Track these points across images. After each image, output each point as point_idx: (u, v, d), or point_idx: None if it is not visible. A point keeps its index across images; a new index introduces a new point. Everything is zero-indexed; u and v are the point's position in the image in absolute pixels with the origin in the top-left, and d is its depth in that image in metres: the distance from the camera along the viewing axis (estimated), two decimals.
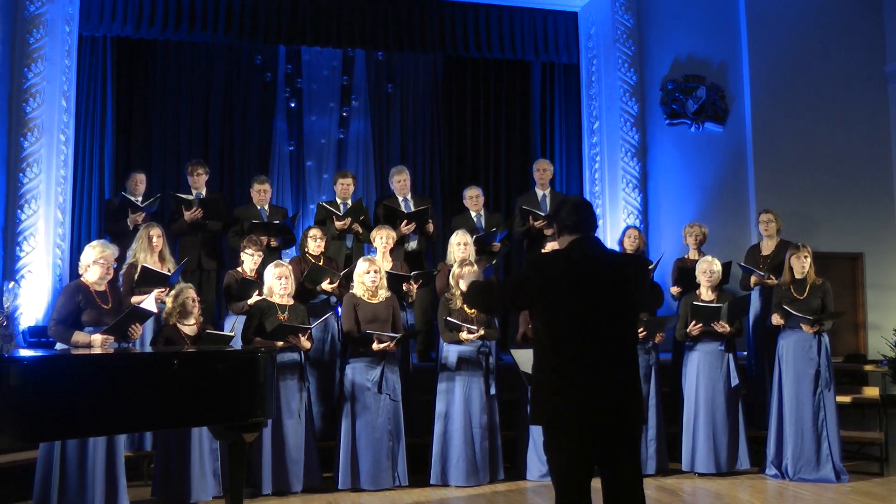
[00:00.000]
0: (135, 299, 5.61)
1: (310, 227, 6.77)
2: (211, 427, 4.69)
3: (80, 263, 5.18)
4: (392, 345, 5.78)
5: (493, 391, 6.00)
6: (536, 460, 6.02)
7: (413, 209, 7.25)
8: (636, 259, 3.51)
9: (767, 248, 7.10)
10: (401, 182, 7.47)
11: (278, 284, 5.73)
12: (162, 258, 6.19)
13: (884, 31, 9.59)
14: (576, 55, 9.25)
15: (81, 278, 5.13)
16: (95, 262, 5.06)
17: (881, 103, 9.53)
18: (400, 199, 7.44)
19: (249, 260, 6.24)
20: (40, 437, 4.22)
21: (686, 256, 7.22)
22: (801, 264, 6.20)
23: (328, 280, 6.34)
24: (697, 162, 9.03)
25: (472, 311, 5.98)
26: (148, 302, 5.20)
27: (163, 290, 5.88)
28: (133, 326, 5.05)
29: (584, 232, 3.28)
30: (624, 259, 3.39)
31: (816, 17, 9.39)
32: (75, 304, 4.99)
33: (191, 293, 5.46)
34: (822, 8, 9.44)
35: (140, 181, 7.15)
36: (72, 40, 7.77)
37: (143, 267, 5.88)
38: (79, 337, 4.93)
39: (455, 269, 6.10)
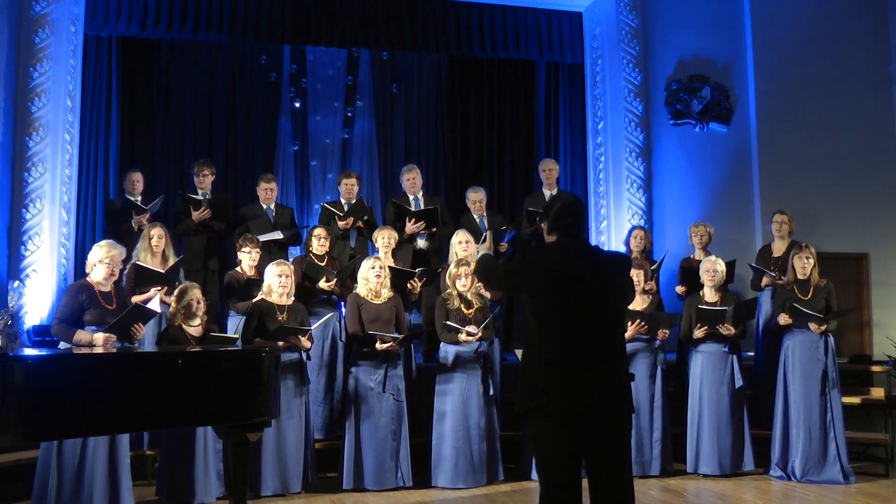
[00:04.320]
0: (135, 299, 5.61)
1: (314, 227, 6.77)
2: (215, 426, 4.69)
3: (87, 262, 5.19)
4: (395, 345, 5.77)
5: (491, 392, 5.99)
6: None
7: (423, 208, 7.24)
8: (619, 256, 3.74)
9: (779, 249, 7.05)
10: (410, 180, 7.45)
11: (277, 282, 5.70)
12: (164, 258, 6.18)
13: (888, 32, 9.55)
14: (580, 55, 9.22)
15: (87, 278, 5.13)
16: (101, 261, 5.06)
17: (886, 103, 9.48)
18: (410, 197, 7.43)
19: (247, 258, 6.22)
20: (44, 436, 4.21)
21: (692, 256, 7.22)
22: (803, 264, 6.18)
23: (325, 279, 6.32)
24: (702, 162, 9.00)
25: (470, 312, 5.97)
26: (152, 302, 5.21)
27: (160, 288, 5.88)
28: (136, 326, 5.04)
29: (571, 234, 3.36)
30: (607, 256, 3.56)
31: (821, 17, 9.35)
32: (78, 303, 5.00)
33: (196, 294, 5.44)
34: (827, 8, 9.40)
35: (137, 180, 7.15)
36: (77, 40, 7.76)
37: (137, 265, 5.88)
38: (81, 335, 4.93)
39: (451, 269, 6.09)
